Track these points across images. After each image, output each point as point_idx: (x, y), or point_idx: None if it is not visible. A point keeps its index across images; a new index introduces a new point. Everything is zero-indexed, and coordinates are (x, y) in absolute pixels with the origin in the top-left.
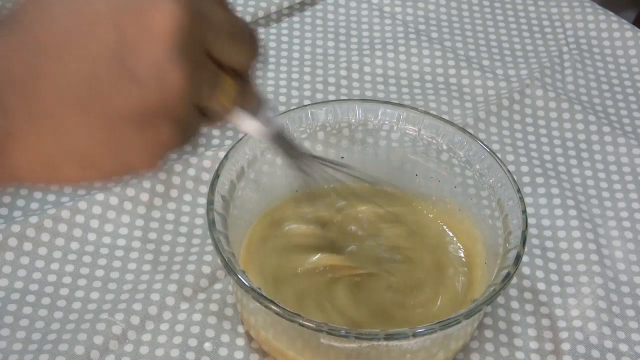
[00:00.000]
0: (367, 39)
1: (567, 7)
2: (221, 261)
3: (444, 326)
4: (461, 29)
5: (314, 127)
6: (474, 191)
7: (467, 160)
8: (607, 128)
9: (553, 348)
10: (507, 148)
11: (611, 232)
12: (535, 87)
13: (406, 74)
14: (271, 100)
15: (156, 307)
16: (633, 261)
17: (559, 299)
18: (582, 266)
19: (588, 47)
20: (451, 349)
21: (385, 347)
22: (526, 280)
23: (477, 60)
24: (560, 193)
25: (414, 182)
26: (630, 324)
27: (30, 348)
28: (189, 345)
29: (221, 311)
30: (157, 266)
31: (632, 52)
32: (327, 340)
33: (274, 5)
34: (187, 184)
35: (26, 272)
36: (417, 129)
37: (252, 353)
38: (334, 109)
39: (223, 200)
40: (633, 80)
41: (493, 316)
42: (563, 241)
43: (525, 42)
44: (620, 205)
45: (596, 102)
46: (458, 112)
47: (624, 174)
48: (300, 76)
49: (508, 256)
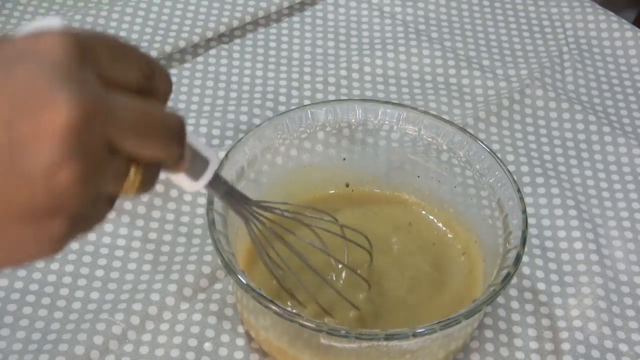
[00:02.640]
0: (367, 39)
1: (567, 7)
2: (221, 261)
3: (444, 326)
4: (461, 29)
5: (314, 127)
6: (474, 191)
7: (467, 160)
8: (607, 128)
9: (553, 348)
10: (507, 148)
11: (611, 232)
12: (535, 87)
13: (406, 74)
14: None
15: (156, 307)
16: (633, 261)
17: (559, 299)
18: (582, 266)
19: (588, 47)
20: (451, 349)
21: (385, 347)
22: (526, 280)
23: (477, 60)
24: (560, 193)
25: (414, 182)
26: (630, 324)
27: (30, 348)
28: (189, 345)
29: (221, 311)
30: (157, 266)
31: (632, 52)
32: (327, 340)
33: (274, 5)
34: None
35: (26, 272)
36: (417, 129)
37: (252, 353)
38: (334, 109)
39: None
40: (633, 80)
41: (493, 316)
42: (563, 241)
43: (525, 42)
44: (620, 205)
45: (596, 102)
46: (458, 112)
47: (624, 174)
48: (300, 76)
49: (508, 256)
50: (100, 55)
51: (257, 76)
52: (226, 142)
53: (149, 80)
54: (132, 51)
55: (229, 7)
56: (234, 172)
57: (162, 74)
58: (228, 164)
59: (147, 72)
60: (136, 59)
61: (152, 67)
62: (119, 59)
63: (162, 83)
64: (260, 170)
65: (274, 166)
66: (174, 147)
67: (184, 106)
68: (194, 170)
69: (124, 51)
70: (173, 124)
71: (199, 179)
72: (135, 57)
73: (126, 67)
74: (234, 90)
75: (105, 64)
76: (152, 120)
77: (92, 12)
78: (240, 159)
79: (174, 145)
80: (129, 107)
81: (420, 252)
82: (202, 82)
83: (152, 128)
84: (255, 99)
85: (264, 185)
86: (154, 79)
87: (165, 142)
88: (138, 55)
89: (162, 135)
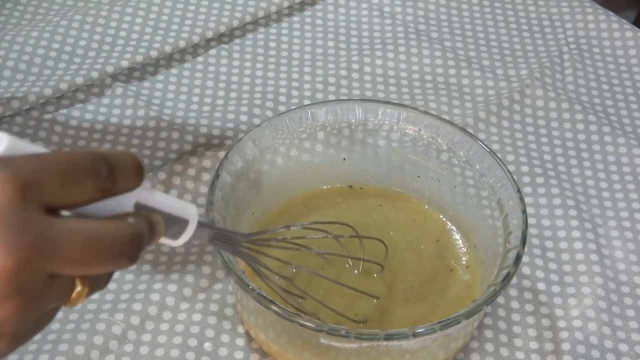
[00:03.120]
0: (367, 39)
1: (567, 7)
2: (221, 261)
3: (444, 326)
4: (461, 29)
5: (314, 127)
6: (474, 191)
7: (467, 160)
8: (607, 128)
9: (553, 348)
10: (507, 148)
11: (611, 232)
12: (535, 87)
13: (406, 74)
14: (190, 209)
15: (156, 307)
16: (633, 261)
17: (559, 299)
18: (582, 266)
19: (588, 47)
20: (451, 349)
21: (385, 347)
22: (526, 280)
23: (477, 60)
24: (560, 193)
25: (414, 182)
26: (630, 324)
27: (30, 348)
28: (189, 345)
29: (221, 311)
30: (157, 266)
31: (632, 52)
32: (327, 340)
33: (274, 5)
34: (187, 184)
35: None
36: (417, 129)
37: (252, 353)
38: (334, 109)
39: (223, 200)
40: (633, 80)
41: (493, 316)
42: (563, 241)
43: (525, 42)
44: (620, 205)
45: (596, 102)
46: (458, 112)
47: (624, 174)
48: (300, 76)
49: (508, 256)
50: (46, 187)
51: (257, 76)
52: (226, 142)
53: (108, 181)
54: (85, 165)
55: (229, 7)
56: (234, 172)
57: (124, 169)
58: (228, 164)
59: (106, 174)
60: (90, 171)
61: (111, 165)
62: (69, 183)
63: (125, 177)
64: (260, 170)
65: (274, 166)
66: (123, 262)
67: (184, 106)
68: (173, 232)
69: (75, 171)
70: (125, 237)
71: (179, 237)
72: (89, 169)
73: (77, 188)
74: (234, 90)
75: (53, 194)
76: (99, 244)
77: (92, 12)
78: (240, 159)
79: (123, 261)
80: (74, 235)
81: (420, 252)
82: (202, 82)
83: (99, 252)
84: (255, 99)
85: (263, 185)
86: (115, 175)
87: (113, 260)
88: (91, 165)
89: (109, 256)
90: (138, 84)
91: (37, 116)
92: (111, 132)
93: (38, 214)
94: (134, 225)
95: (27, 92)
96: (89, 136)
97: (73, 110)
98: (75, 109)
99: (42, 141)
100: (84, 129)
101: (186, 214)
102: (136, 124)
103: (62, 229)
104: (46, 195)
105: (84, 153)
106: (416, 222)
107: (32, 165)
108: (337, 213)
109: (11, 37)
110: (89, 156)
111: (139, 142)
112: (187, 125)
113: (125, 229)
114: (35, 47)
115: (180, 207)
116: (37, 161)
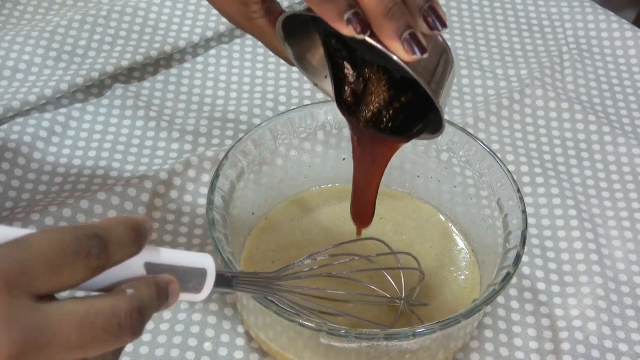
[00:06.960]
0: None
1: (567, 7)
2: (221, 261)
3: (444, 326)
4: (461, 29)
5: (314, 127)
6: (474, 191)
7: (467, 160)
8: (607, 128)
9: (553, 348)
10: (507, 148)
11: (611, 232)
12: (535, 87)
13: None
14: (207, 259)
15: None
16: (633, 261)
17: (559, 299)
18: (582, 266)
19: (588, 47)
20: (451, 349)
21: (385, 347)
22: (526, 280)
23: (477, 60)
24: (560, 193)
25: (414, 182)
26: (630, 324)
27: None
28: (189, 345)
29: (221, 311)
30: None
31: (632, 52)
32: (327, 340)
33: None
34: (188, 185)
35: None
36: None
37: (252, 353)
38: (334, 109)
39: (223, 201)
40: (633, 80)
41: (493, 316)
42: (563, 241)
43: (525, 42)
44: (620, 205)
45: (596, 102)
46: (458, 112)
47: (624, 174)
48: (301, 76)
49: (508, 256)
50: (34, 277)
51: (257, 76)
52: (226, 142)
53: (101, 258)
54: (74, 248)
55: None
56: (234, 172)
57: (119, 242)
58: (228, 164)
59: (97, 252)
60: (79, 253)
61: (103, 241)
62: (58, 269)
63: (120, 249)
64: (260, 170)
65: (274, 166)
66: (126, 338)
67: (184, 106)
68: (193, 286)
69: (63, 256)
70: (123, 311)
71: (201, 291)
72: (78, 251)
73: (67, 272)
74: (234, 90)
75: (42, 282)
76: (94, 324)
77: (92, 12)
78: (240, 159)
79: (125, 336)
80: (66, 319)
81: (420, 252)
82: (202, 82)
83: (96, 332)
84: (255, 99)
85: (263, 186)
86: (108, 251)
87: (113, 339)
88: (80, 247)
89: (108, 335)
90: (138, 84)
91: (38, 116)
92: (111, 132)
93: (27, 305)
94: (132, 296)
95: (28, 92)
96: (90, 137)
97: (73, 110)
98: (75, 109)
99: (42, 141)
100: (84, 129)
101: (201, 263)
102: (136, 125)
103: (54, 316)
104: (35, 284)
105: (72, 231)
106: (416, 222)
107: (18, 257)
108: (337, 205)
109: (11, 37)
110: (77, 237)
111: (139, 142)
112: (187, 125)
113: (122, 303)
114: (35, 47)
115: (194, 258)
116: (22, 252)
